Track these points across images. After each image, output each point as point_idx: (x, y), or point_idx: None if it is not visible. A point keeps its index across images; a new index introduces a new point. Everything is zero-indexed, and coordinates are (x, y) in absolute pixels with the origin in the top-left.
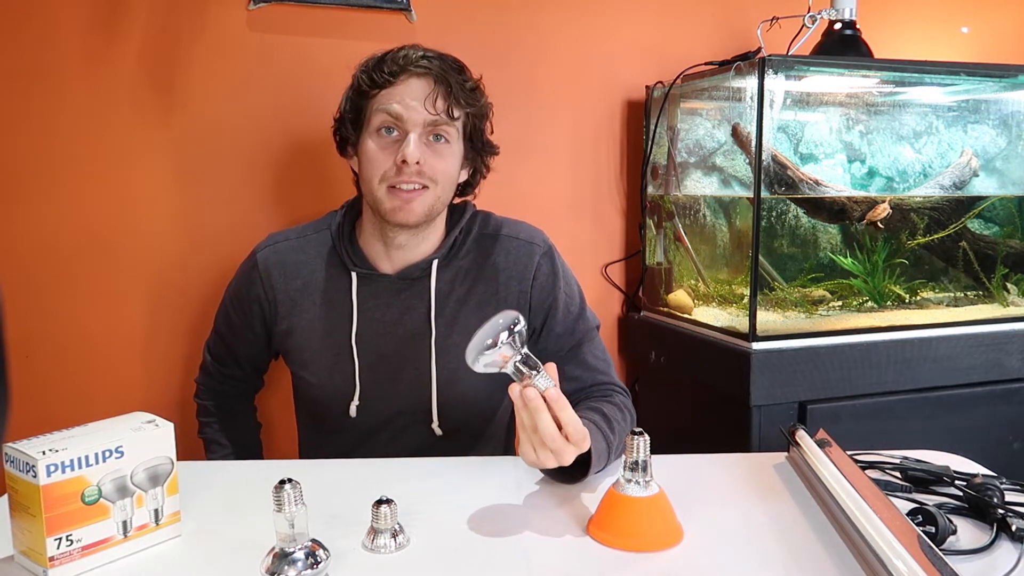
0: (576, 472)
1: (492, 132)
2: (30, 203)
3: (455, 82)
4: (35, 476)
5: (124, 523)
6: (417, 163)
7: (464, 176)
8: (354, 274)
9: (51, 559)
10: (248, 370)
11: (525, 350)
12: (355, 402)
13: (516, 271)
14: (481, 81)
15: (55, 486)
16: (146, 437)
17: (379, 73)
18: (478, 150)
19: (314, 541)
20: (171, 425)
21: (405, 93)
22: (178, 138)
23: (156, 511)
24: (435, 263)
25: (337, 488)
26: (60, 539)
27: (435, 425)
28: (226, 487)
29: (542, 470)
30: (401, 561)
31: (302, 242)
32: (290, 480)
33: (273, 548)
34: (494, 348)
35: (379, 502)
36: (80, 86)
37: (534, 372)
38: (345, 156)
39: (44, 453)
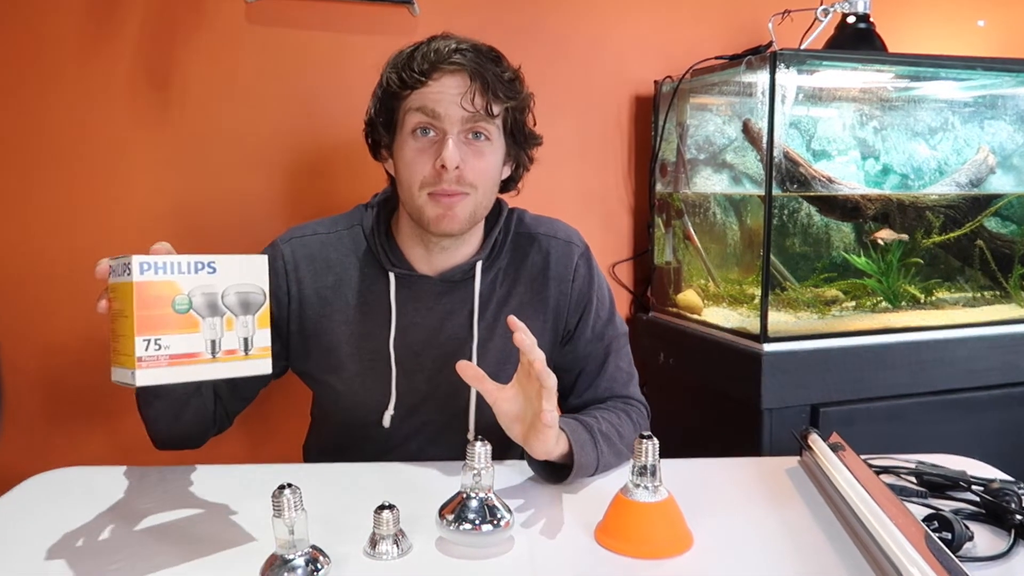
0: (564, 472)
1: (535, 124)
2: (24, 201)
3: (492, 75)
4: (129, 274)
5: (213, 342)
6: (457, 168)
7: (507, 172)
8: (392, 275)
9: (139, 360)
10: (223, 385)
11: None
12: (390, 412)
13: (556, 271)
14: (520, 70)
15: (147, 285)
16: (239, 261)
17: (409, 72)
18: (520, 144)
19: (314, 548)
20: (265, 258)
21: (440, 91)
22: (175, 134)
23: (246, 340)
24: (479, 265)
25: (338, 493)
26: (148, 341)
27: (471, 435)
28: (223, 491)
29: (533, 467)
30: (403, 568)
31: (332, 237)
32: (290, 485)
33: (272, 554)
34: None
35: (381, 507)
36: (75, 81)
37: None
38: (379, 159)
39: (138, 256)
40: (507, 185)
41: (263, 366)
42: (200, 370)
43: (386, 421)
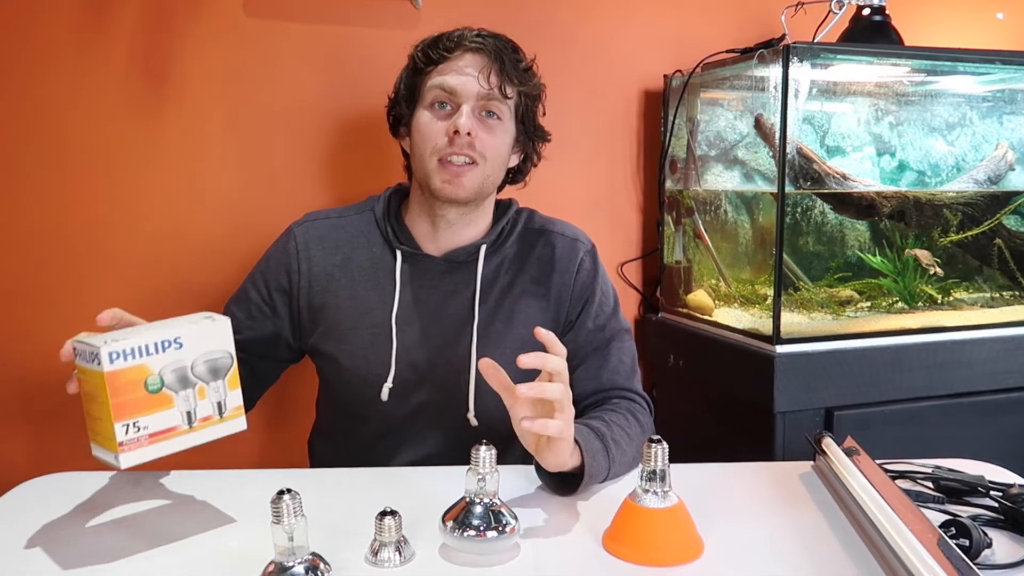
0: (573, 481)
1: (544, 115)
2: (13, 195)
3: (509, 60)
4: (99, 364)
5: (188, 413)
6: (468, 134)
7: (514, 161)
8: (399, 252)
9: (120, 444)
10: (241, 369)
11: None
12: (388, 384)
13: (560, 265)
14: (535, 62)
15: (118, 373)
16: (203, 330)
17: (435, 50)
18: (529, 134)
19: (314, 555)
20: (228, 320)
21: (460, 67)
22: (170, 129)
23: (219, 404)
24: (483, 248)
25: (339, 499)
26: (127, 425)
27: (471, 415)
28: (221, 497)
29: (542, 478)
30: None
31: (343, 221)
32: (289, 490)
33: (271, 562)
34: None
35: (383, 513)
36: (69, 75)
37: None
38: (397, 137)
39: (106, 343)
40: (515, 177)
41: (238, 425)
42: (180, 441)
43: (384, 394)
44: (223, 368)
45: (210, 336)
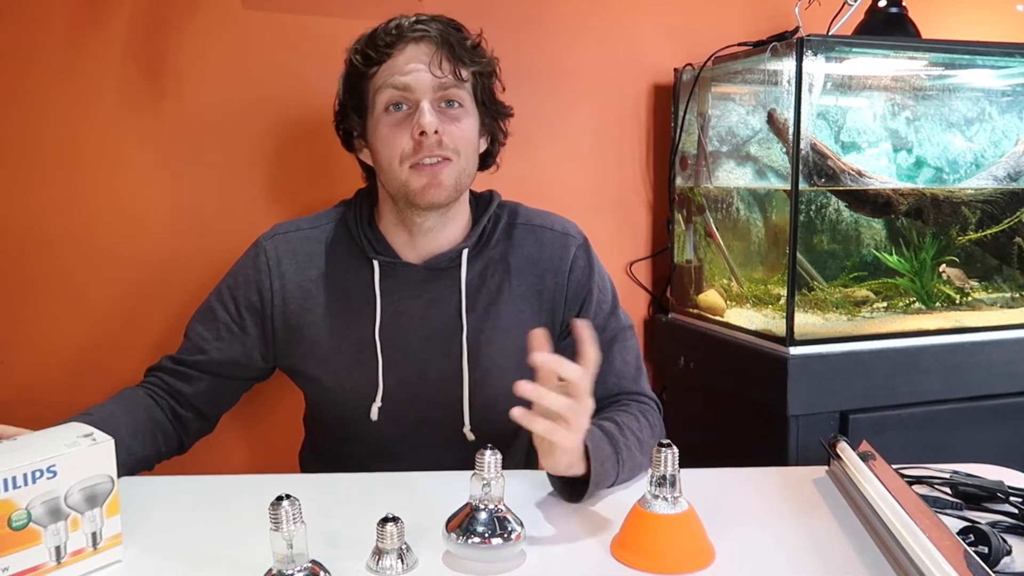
0: (581, 485)
1: (504, 91)
2: (7, 194)
3: (456, 41)
4: None
5: (57, 548)
6: (436, 132)
7: (483, 145)
8: (376, 263)
9: None
10: (203, 391)
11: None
12: (377, 404)
13: (552, 263)
14: (481, 36)
15: None
16: (82, 454)
17: (374, 48)
18: (492, 114)
19: (314, 563)
20: (111, 441)
21: (407, 62)
22: (168, 125)
23: (94, 534)
24: (465, 252)
25: (339, 505)
26: None
27: (467, 429)
28: (219, 504)
29: (552, 481)
30: None
31: (315, 232)
32: (288, 496)
33: (270, 570)
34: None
35: (384, 520)
36: (63, 70)
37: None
38: (352, 150)
39: None
40: (485, 161)
41: (114, 555)
42: None
43: (374, 414)
44: (102, 495)
45: (90, 461)
